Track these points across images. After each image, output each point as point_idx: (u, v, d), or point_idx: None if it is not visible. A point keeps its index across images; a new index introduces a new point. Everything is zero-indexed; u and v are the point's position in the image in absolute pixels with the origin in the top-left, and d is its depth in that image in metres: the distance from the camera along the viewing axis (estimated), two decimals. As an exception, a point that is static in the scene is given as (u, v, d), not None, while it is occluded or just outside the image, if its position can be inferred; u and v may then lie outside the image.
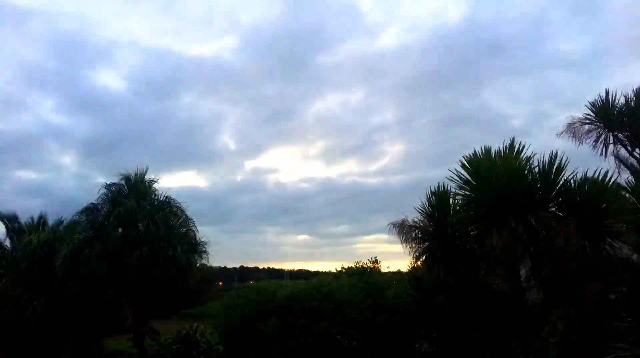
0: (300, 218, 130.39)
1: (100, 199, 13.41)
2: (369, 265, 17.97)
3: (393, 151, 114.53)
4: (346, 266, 19.45)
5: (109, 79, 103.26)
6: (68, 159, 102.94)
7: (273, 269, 76.95)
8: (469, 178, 9.10)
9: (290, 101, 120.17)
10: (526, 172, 8.66)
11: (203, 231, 14.27)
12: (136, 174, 13.84)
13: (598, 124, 11.56)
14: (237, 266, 77.38)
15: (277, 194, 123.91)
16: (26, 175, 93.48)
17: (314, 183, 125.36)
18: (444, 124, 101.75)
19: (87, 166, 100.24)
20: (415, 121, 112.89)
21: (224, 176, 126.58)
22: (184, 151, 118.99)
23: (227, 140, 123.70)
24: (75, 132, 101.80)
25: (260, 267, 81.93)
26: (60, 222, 15.21)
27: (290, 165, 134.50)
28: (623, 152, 11.37)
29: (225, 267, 63.61)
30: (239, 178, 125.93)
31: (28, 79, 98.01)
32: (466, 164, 9.16)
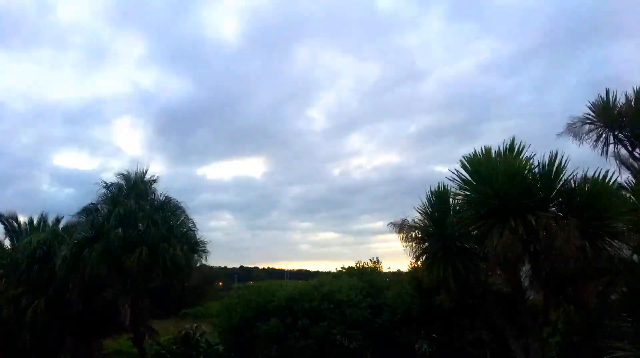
0: (339, 213, 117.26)
1: (100, 199, 13.43)
2: (370, 265, 17.97)
3: (498, 130, 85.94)
4: (346, 267, 19.48)
5: (221, 17, 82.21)
6: (133, 139, 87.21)
7: (273, 269, 76.92)
8: (469, 178, 9.10)
9: (429, 56, 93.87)
10: (526, 172, 8.65)
11: (233, 229, 13.31)
12: (136, 173, 13.87)
13: (598, 124, 11.57)
14: (237, 266, 77.39)
15: (335, 185, 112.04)
16: (73, 160, 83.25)
17: (384, 172, 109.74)
18: (587, 90, 70.52)
19: (152, 149, 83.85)
20: (553, 85, 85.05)
21: (291, 162, 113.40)
22: (266, 129, 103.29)
23: (318, 115, 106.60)
24: (155, 99, 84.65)
25: (260, 267, 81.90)
26: (60, 222, 15.24)
27: (374, 149, 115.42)
28: (623, 152, 11.39)
29: (225, 267, 63.63)
30: (305, 164, 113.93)
31: (122, 14, 73.38)
32: (466, 164, 9.16)
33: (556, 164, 8.39)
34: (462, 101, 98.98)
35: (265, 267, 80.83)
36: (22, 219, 15.76)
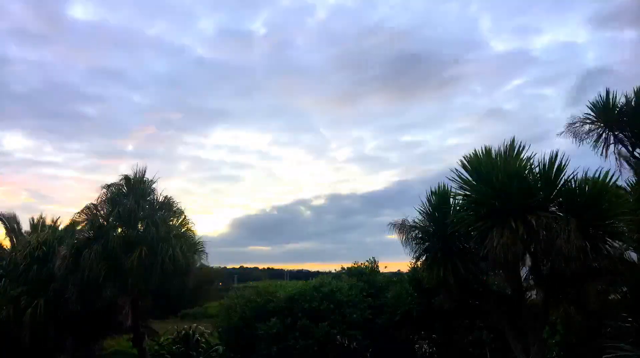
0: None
1: (99, 199, 13.42)
2: (367, 265, 17.93)
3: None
4: (346, 267, 19.44)
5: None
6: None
7: (273, 269, 76.76)
8: (469, 178, 9.09)
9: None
10: (526, 172, 8.64)
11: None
12: (136, 174, 13.84)
13: (599, 123, 11.55)
14: (237, 266, 77.28)
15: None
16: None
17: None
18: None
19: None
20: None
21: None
22: None
23: None
24: None
25: (260, 267, 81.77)
26: (59, 222, 15.24)
27: None
28: (624, 152, 11.37)
29: (225, 267, 63.52)
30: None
31: None
32: (466, 164, 9.15)
33: (556, 164, 8.38)
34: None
35: (265, 267, 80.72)
36: (22, 219, 15.79)
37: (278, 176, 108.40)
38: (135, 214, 12.83)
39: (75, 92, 79.15)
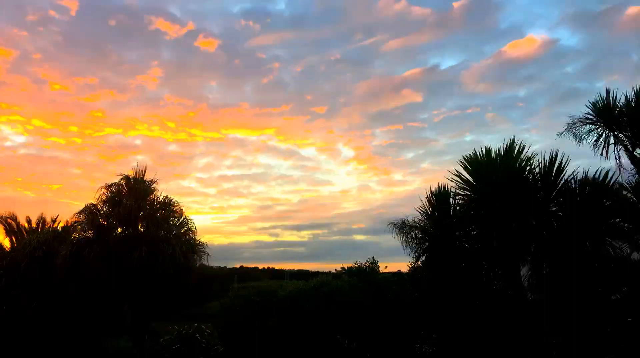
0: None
1: (99, 199, 13.40)
2: (367, 265, 17.93)
3: None
4: (346, 267, 19.43)
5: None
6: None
7: (273, 269, 76.58)
8: (469, 178, 9.09)
9: None
10: (527, 172, 8.64)
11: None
12: (136, 174, 13.83)
13: (599, 123, 11.53)
14: (237, 266, 77.09)
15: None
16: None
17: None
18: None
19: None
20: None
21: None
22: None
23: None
24: None
25: (260, 267, 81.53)
26: (59, 222, 15.24)
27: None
28: (624, 152, 11.35)
29: (225, 267, 63.45)
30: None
31: None
32: (467, 164, 9.15)
33: (556, 165, 8.38)
34: None
35: (265, 267, 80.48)
36: (22, 219, 15.77)
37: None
38: (135, 214, 12.82)
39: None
